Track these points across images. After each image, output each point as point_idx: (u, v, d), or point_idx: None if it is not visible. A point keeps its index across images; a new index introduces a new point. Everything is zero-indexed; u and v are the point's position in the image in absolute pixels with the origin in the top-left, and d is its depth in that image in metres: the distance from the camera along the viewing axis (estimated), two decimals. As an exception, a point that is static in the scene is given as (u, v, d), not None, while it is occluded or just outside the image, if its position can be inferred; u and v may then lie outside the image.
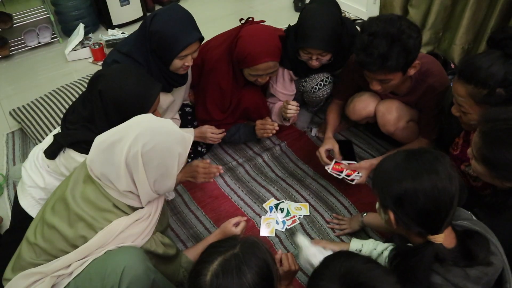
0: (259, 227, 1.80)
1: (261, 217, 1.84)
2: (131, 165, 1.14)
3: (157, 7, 3.58)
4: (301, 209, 1.87)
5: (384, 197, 1.04)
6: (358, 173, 1.75)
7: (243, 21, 1.88)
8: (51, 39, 3.10)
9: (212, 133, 1.96)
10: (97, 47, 2.87)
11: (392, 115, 1.80)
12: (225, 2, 3.67)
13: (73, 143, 1.44)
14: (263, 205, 1.90)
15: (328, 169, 1.78)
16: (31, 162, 1.58)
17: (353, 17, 3.17)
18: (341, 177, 1.76)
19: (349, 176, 1.75)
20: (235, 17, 1.90)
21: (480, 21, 2.41)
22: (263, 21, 1.91)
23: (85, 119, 1.45)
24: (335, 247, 1.50)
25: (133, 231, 1.20)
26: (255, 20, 1.90)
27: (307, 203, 1.89)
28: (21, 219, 1.57)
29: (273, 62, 1.80)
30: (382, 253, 1.34)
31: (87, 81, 2.36)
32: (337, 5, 1.83)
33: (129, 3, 3.21)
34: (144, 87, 1.44)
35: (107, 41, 2.86)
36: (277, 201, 1.91)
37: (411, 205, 0.98)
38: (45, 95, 2.31)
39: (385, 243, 1.40)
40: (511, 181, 1.14)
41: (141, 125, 1.17)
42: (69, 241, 1.17)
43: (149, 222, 1.24)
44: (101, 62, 2.87)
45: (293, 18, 1.88)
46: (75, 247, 1.17)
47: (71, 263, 1.17)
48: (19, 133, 2.33)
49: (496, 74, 1.21)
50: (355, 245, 1.45)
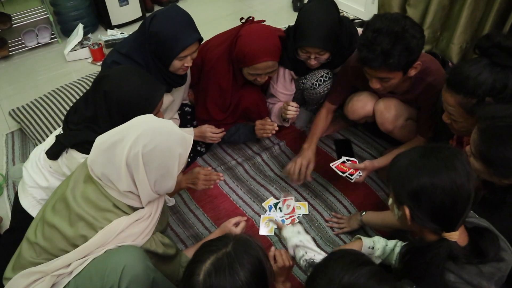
0: (259, 226, 1.81)
1: (260, 216, 1.85)
2: (132, 166, 1.14)
3: (156, 8, 3.58)
4: (300, 208, 1.87)
5: (400, 193, 1.03)
6: (359, 172, 1.75)
7: (243, 21, 1.89)
8: (50, 40, 3.11)
9: (211, 132, 1.97)
10: (96, 47, 2.88)
11: (390, 113, 1.81)
12: (224, 2, 3.67)
13: (76, 144, 1.44)
14: (262, 204, 1.90)
15: (332, 165, 1.78)
16: (33, 162, 1.58)
17: (351, 17, 3.18)
18: (344, 175, 1.76)
19: (352, 175, 1.75)
20: (234, 17, 1.91)
21: (477, 20, 2.42)
22: (263, 21, 1.92)
23: (88, 120, 1.45)
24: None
25: (133, 230, 1.20)
26: (255, 19, 1.91)
27: (306, 202, 1.90)
28: (21, 219, 1.57)
29: (272, 61, 1.81)
30: (393, 249, 1.34)
31: (86, 81, 2.38)
32: (334, 4, 1.83)
33: (128, 4, 3.22)
34: (148, 89, 1.45)
35: (106, 41, 2.86)
36: (276, 200, 1.91)
37: (429, 200, 0.97)
38: (44, 95, 2.32)
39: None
40: (509, 178, 1.14)
41: (142, 126, 1.17)
42: (69, 240, 1.17)
43: (149, 222, 1.25)
44: (100, 62, 2.87)
45: (292, 18, 1.88)
46: (75, 246, 1.17)
47: (71, 263, 1.17)
48: (19, 133, 2.34)
49: (484, 83, 1.21)
50: (368, 242, 1.39)
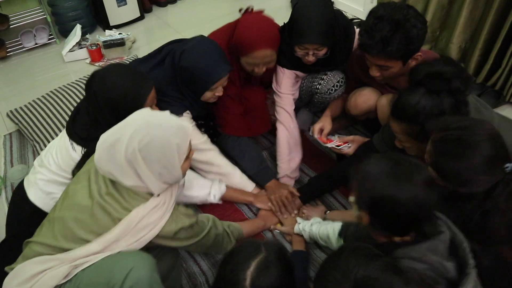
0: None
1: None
2: (132, 162, 1.17)
3: (155, 8, 3.58)
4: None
5: (361, 198, 1.05)
6: (348, 144, 1.78)
7: (243, 11, 1.86)
8: (48, 40, 3.10)
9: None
10: (94, 48, 2.86)
11: None
12: (223, 1, 3.67)
13: None
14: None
15: (311, 135, 1.84)
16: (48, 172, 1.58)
17: (350, 17, 3.17)
18: (329, 146, 1.79)
19: (339, 146, 1.78)
20: (233, 17, 1.89)
21: (477, 20, 2.41)
22: (263, 10, 1.89)
23: (92, 123, 1.49)
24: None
25: (151, 219, 1.21)
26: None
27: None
28: (27, 216, 1.57)
29: (271, 50, 1.76)
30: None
31: (84, 82, 2.36)
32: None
33: (126, 4, 3.21)
34: (135, 85, 1.46)
35: (104, 42, 2.85)
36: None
37: (386, 212, 1.00)
38: (42, 96, 2.31)
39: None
40: (464, 187, 1.14)
41: (136, 122, 1.20)
42: (88, 227, 1.19)
43: (165, 208, 1.26)
44: (99, 63, 2.88)
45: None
46: (94, 233, 1.19)
47: (91, 257, 1.18)
48: (17, 134, 2.33)
49: (423, 110, 1.28)
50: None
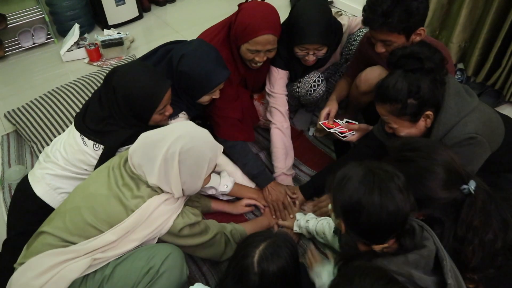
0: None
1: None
2: (169, 162, 1.27)
3: (153, 7, 3.56)
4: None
5: (336, 205, 1.07)
6: (352, 132, 1.80)
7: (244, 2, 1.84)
8: (46, 40, 3.08)
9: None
10: (93, 47, 2.85)
11: None
12: (221, 1, 3.65)
13: (122, 143, 1.56)
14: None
15: (321, 123, 1.85)
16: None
17: (350, 16, 3.16)
18: (332, 131, 1.80)
19: (342, 133, 1.80)
20: (232, 17, 1.89)
21: (477, 19, 2.41)
22: None
23: (107, 118, 1.55)
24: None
25: (162, 212, 1.30)
26: None
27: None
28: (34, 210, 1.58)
29: (273, 36, 1.74)
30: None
31: (82, 81, 2.36)
32: (325, 0, 1.83)
33: (124, 3, 3.19)
34: (154, 84, 1.53)
35: (102, 41, 2.84)
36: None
37: (358, 220, 1.01)
38: (40, 97, 2.29)
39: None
40: (421, 207, 1.13)
41: (182, 129, 1.34)
42: (98, 215, 1.26)
43: (177, 205, 1.35)
44: (97, 62, 2.86)
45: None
46: (104, 222, 1.25)
47: (108, 247, 1.24)
48: (15, 135, 2.31)
49: (401, 88, 1.37)
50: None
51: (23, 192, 1.63)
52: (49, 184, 1.59)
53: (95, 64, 2.85)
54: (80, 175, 1.61)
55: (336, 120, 1.86)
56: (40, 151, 2.08)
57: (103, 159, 1.55)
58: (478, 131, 1.34)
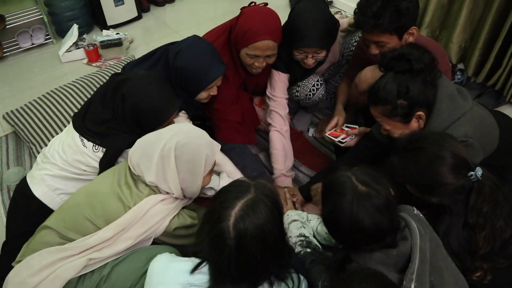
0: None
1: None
2: (165, 158, 1.30)
3: (152, 8, 3.55)
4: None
5: (323, 211, 1.14)
6: (352, 136, 1.82)
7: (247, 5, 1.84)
8: (45, 40, 3.07)
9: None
10: (92, 48, 2.84)
11: None
12: (221, 1, 3.64)
13: (126, 147, 1.55)
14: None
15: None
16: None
17: (350, 16, 3.15)
18: (336, 140, 1.82)
19: (344, 139, 1.82)
20: (231, 17, 1.87)
21: (477, 19, 2.40)
22: (266, 3, 1.87)
23: (108, 121, 1.54)
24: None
25: (160, 208, 1.31)
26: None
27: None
28: (33, 212, 1.57)
29: (273, 42, 1.73)
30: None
31: (81, 82, 2.35)
32: (324, 2, 1.82)
33: (123, 3, 3.18)
34: (164, 101, 1.55)
35: (101, 42, 2.83)
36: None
37: (334, 230, 1.12)
38: (39, 98, 2.28)
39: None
40: (431, 196, 1.21)
41: (178, 127, 1.39)
42: (95, 211, 1.27)
43: (174, 207, 1.36)
44: (96, 63, 2.85)
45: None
46: (100, 217, 1.26)
47: (104, 246, 1.25)
48: (13, 136, 2.30)
49: (391, 90, 1.39)
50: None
51: (22, 193, 1.62)
52: (48, 185, 1.58)
53: (94, 64, 2.84)
54: (78, 175, 1.60)
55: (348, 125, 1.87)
56: (39, 152, 2.07)
57: (103, 162, 1.55)
58: (468, 134, 1.35)
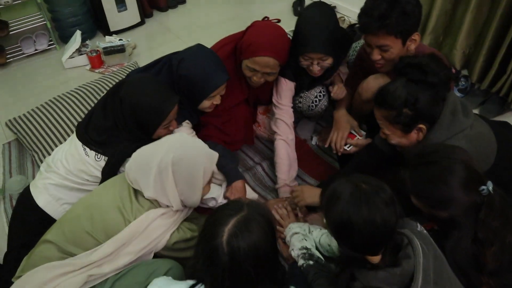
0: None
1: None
2: (162, 173, 1.28)
3: (155, 13, 3.55)
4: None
5: (327, 222, 1.10)
6: (350, 146, 1.84)
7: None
8: (48, 46, 3.07)
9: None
10: (94, 54, 2.84)
11: None
12: (224, 6, 3.64)
13: (127, 156, 1.53)
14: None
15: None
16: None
17: (352, 21, 3.14)
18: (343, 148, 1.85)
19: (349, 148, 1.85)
20: (234, 22, 1.89)
21: (481, 25, 2.38)
22: (279, 20, 1.86)
23: (110, 129, 1.55)
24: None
25: (161, 223, 1.32)
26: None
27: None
28: (35, 221, 1.57)
29: (274, 60, 1.72)
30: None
31: (84, 90, 2.35)
32: (332, 10, 1.81)
33: (126, 9, 3.19)
34: (161, 98, 1.54)
35: (104, 49, 2.83)
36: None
37: (349, 237, 1.05)
38: (41, 105, 2.28)
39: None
40: (443, 211, 1.19)
41: (174, 140, 1.37)
42: (96, 224, 1.27)
43: (173, 221, 1.36)
44: (99, 69, 2.85)
45: (292, 22, 1.85)
46: (100, 231, 1.26)
47: (104, 262, 1.24)
48: (16, 143, 2.30)
49: (399, 96, 1.37)
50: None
51: (24, 203, 1.62)
52: (51, 194, 1.58)
53: (97, 71, 2.84)
54: (81, 185, 1.60)
55: (351, 131, 1.88)
56: (41, 160, 2.07)
57: (106, 171, 1.55)
58: (461, 147, 1.33)
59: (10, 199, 2.00)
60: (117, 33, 3.21)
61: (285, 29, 1.82)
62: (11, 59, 2.97)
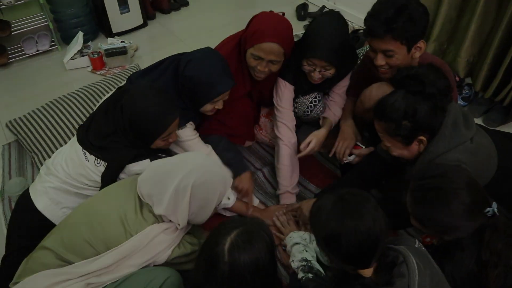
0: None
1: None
2: (180, 194, 1.27)
3: (158, 15, 3.55)
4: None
5: (316, 236, 1.12)
6: (353, 156, 1.84)
7: None
8: (50, 47, 3.06)
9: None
10: (96, 56, 2.83)
11: None
12: (227, 10, 3.64)
13: (127, 162, 1.53)
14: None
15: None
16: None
17: (356, 27, 3.13)
18: (347, 160, 1.84)
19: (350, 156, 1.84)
20: (236, 26, 1.86)
21: (485, 34, 2.37)
22: (283, 13, 1.85)
23: (111, 135, 1.53)
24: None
25: (164, 238, 1.31)
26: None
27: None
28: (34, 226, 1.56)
29: (278, 46, 1.68)
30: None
31: (85, 92, 2.34)
32: (346, 24, 1.78)
33: (129, 11, 3.18)
34: (162, 110, 1.52)
35: (106, 50, 2.82)
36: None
37: (336, 247, 1.06)
38: (42, 107, 2.27)
39: None
40: (446, 235, 1.18)
41: (196, 161, 1.35)
42: (96, 235, 1.25)
43: (178, 233, 1.36)
44: (100, 71, 2.84)
45: (296, 26, 1.84)
46: (101, 241, 1.24)
47: (103, 273, 1.23)
48: (16, 144, 2.29)
49: (398, 109, 1.36)
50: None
51: (23, 206, 1.61)
52: (51, 198, 1.57)
53: (98, 73, 2.83)
54: (80, 190, 1.59)
55: (357, 143, 1.87)
56: (41, 163, 2.05)
57: (105, 177, 1.53)
58: (461, 159, 1.33)
59: (9, 201, 1.98)
60: (119, 35, 3.20)
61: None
62: (13, 59, 2.96)
